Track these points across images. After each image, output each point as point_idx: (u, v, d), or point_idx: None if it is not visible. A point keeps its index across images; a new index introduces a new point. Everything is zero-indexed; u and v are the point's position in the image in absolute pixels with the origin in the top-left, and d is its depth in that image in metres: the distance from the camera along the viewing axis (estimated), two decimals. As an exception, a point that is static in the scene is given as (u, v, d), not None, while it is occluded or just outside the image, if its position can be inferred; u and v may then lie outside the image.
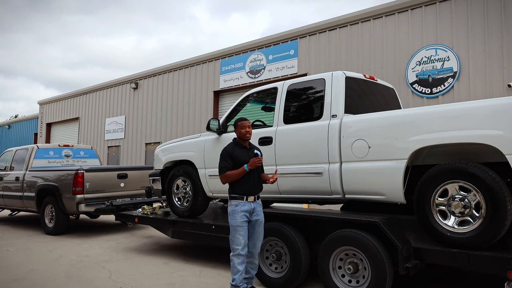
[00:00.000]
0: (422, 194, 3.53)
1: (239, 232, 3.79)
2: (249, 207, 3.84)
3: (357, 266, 3.69)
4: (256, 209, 3.89)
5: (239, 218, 3.80)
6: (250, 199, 3.85)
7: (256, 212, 3.89)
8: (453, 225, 3.40)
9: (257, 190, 3.93)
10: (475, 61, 8.97)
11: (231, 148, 3.95)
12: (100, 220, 9.94)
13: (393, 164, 3.72)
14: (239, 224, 3.79)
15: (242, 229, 3.80)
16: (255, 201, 3.90)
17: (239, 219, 3.80)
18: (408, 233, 3.89)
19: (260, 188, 3.98)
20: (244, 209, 3.82)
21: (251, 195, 3.86)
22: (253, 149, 4.05)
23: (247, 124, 3.99)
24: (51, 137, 23.06)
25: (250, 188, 3.87)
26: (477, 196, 3.27)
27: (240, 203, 3.83)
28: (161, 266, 5.33)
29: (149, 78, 17.21)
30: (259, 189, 3.97)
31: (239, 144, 4.01)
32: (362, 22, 10.87)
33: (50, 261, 5.75)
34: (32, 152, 8.98)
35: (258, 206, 3.93)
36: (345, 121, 4.18)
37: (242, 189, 3.86)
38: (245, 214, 3.81)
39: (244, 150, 3.97)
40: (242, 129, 3.97)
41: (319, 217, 4.08)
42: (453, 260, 3.33)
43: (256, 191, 3.92)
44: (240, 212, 3.81)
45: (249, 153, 3.97)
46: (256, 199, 3.91)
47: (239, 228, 3.79)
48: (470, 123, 3.33)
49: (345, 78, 4.45)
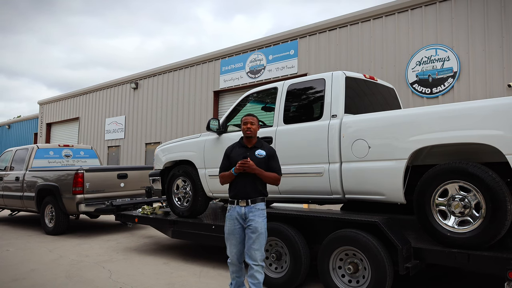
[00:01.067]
0: (422, 194, 3.52)
1: (229, 239, 3.55)
2: (239, 211, 3.49)
3: (357, 266, 3.69)
4: (249, 215, 3.47)
5: (228, 224, 3.55)
6: (241, 203, 3.50)
7: (249, 217, 3.47)
8: (453, 225, 3.40)
9: (250, 193, 3.50)
10: (475, 61, 8.97)
11: (231, 147, 3.73)
12: (100, 220, 9.94)
13: (393, 164, 3.72)
14: (227, 231, 3.55)
15: (231, 237, 3.52)
16: (249, 205, 3.48)
17: (228, 225, 3.55)
18: (408, 233, 3.89)
19: (256, 191, 3.52)
20: (233, 214, 3.52)
21: (240, 198, 3.50)
22: (257, 149, 3.62)
23: (249, 120, 3.62)
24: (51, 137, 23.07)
25: (239, 191, 3.52)
26: (477, 196, 3.27)
27: (231, 208, 3.57)
28: (161, 266, 5.33)
29: (149, 78, 17.21)
30: (255, 192, 3.52)
31: (241, 143, 3.69)
32: (362, 22, 10.87)
33: (50, 261, 5.75)
34: (32, 152, 8.98)
35: (253, 211, 3.47)
36: (345, 121, 4.18)
37: (232, 192, 3.57)
38: (235, 220, 3.50)
39: (244, 149, 3.62)
40: (244, 125, 3.64)
41: (319, 217, 4.08)
42: (453, 260, 3.33)
43: (248, 195, 3.49)
44: (229, 217, 3.55)
45: (247, 153, 3.57)
46: (250, 203, 3.48)
47: (228, 236, 3.55)
48: (470, 123, 3.33)
49: (345, 78, 4.45)
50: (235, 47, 13.97)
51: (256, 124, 3.66)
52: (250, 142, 3.65)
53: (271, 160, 3.63)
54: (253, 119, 3.65)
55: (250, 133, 3.61)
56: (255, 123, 3.64)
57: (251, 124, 3.62)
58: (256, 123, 3.65)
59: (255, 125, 3.64)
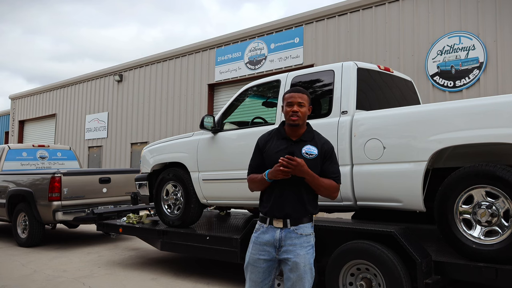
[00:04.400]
0: (444, 200, 3.52)
1: (250, 274, 2.76)
2: (271, 236, 2.70)
3: (370, 283, 3.69)
4: (286, 242, 2.67)
5: (253, 252, 2.75)
6: (276, 224, 2.70)
7: (286, 246, 2.67)
8: (479, 235, 3.39)
9: (291, 210, 2.70)
10: (503, 51, 8.97)
11: (265, 138, 2.87)
12: (79, 230, 9.94)
13: (411, 166, 3.71)
14: (249, 259, 2.77)
15: (255, 272, 2.72)
16: (287, 228, 2.68)
17: (252, 251, 2.77)
18: (428, 245, 3.88)
19: (301, 207, 2.73)
20: (262, 238, 2.73)
21: (275, 217, 2.71)
22: (305, 143, 2.75)
23: (297, 99, 2.73)
24: (24, 136, 23.09)
25: (274, 205, 2.71)
26: (506, 203, 3.27)
27: (260, 228, 2.78)
28: (148, 282, 5.33)
29: (134, 70, 17.22)
30: (299, 209, 2.72)
31: (281, 132, 2.81)
32: (376, 6, 10.87)
33: (23, 276, 5.74)
34: (3, 153, 8.97)
35: (292, 236, 2.68)
36: (356, 118, 4.18)
37: (264, 205, 2.77)
38: (264, 248, 2.72)
39: (285, 143, 2.77)
40: (288, 106, 2.75)
41: (327, 226, 4.07)
42: (479, 276, 3.32)
43: (287, 212, 2.69)
44: (255, 241, 2.77)
45: (291, 149, 2.70)
46: (289, 224, 2.68)
47: (250, 268, 2.75)
48: (499, 120, 3.32)
49: (357, 70, 4.45)
50: (232, 34, 13.98)
51: (307, 105, 2.77)
52: (296, 133, 2.78)
53: (328, 161, 2.78)
54: (303, 98, 2.75)
55: (297, 119, 2.72)
56: (305, 104, 2.74)
57: (299, 106, 2.72)
58: (306, 103, 2.76)
59: (305, 107, 2.75)
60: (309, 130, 2.82)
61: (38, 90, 22.37)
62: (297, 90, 2.80)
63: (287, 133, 2.79)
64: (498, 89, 8.91)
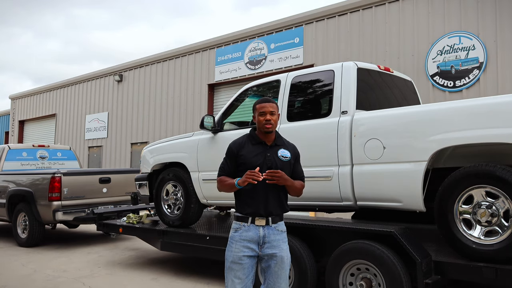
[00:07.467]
0: (444, 200, 3.53)
1: (234, 272, 2.87)
2: (255, 234, 2.88)
3: (370, 282, 3.69)
4: (270, 238, 2.89)
5: (236, 250, 2.88)
6: (258, 222, 2.89)
7: (270, 242, 2.89)
8: (479, 235, 3.40)
9: (272, 209, 2.93)
10: (503, 51, 8.96)
11: (238, 143, 3.03)
12: (79, 230, 9.95)
13: (411, 166, 3.72)
14: (234, 260, 2.87)
15: (238, 267, 2.86)
16: (269, 225, 2.90)
17: (234, 250, 2.89)
18: (428, 245, 3.89)
19: (280, 205, 2.99)
20: (247, 236, 2.88)
21: (260, 216, 2.89)
22: (279, 148, 3.01)
23: (268, 109, 2.94)
24: (24, 136, 23.09)
25: (259, 206, 2.90)
26: (506, 203, 3.27)
27: (241, 227, 2.92)
28: (149, 283, 5.33)
29: (135, 70, 17.22)
30: (278, 207, 2.97)
31: (255, 138, 3.02)
32: (376, 6, 10.87)
33: (23, 276, 5.74)
34: (3, 153, 8.97)
35: (275, 233, 2.91)
36: (356, 118, 4.18)
37: (246, 206, 2.93)
38: (247, 245, 2.87)
39: (261, 148, 2.98)
40: (261, 115, 2.96)
41: (327, 226, 4.08)
42: (479, 276, 3.33)
43: (270, 211, 2.92)
44: (237, 239, 2.90)
45: (268, 153, 2.95)
46: (271, 222, 2.91)
47: (234, 266, 2.87)
48: (499, 120, 3.33)
49: (357, 70, 4.45)
50: (233, 34, 13.97)
51: (277, 113, 3.01)
52: (269, 138, 3.01)
53: (297, 162, 3.10)
54: (273, 107, 2.98)
55: (270, 126, 2.94)
56: (275, 113, 2.97)
57: (271, 115, 2.94)
58: (276, 111, 3.00)
59: (276, 115, 2.97)
60: (278, 136, 3.10)
61: (38, 90, 22.36)
62: (267, 100, 3.06)
63: (262, 138, 3.02)
64: (498, 89, 8.90)
